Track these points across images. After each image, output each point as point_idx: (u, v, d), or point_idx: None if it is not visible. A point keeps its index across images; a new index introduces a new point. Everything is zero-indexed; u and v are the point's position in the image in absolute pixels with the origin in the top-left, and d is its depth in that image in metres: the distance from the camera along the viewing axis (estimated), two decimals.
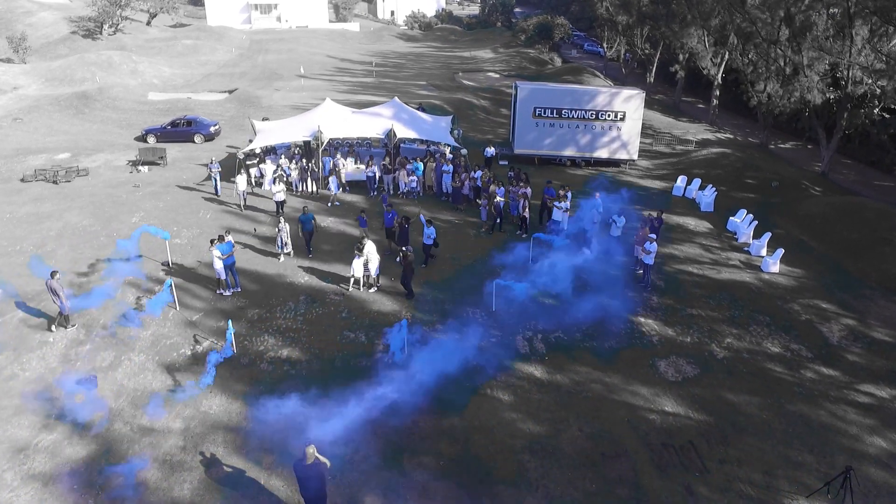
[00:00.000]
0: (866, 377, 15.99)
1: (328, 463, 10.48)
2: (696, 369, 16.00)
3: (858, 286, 20.83)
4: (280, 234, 20.33)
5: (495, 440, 13.27)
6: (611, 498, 11.95)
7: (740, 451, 13.27)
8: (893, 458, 13.28)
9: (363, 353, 15.96)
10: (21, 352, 15.88)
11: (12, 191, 27.50)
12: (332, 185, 25.85)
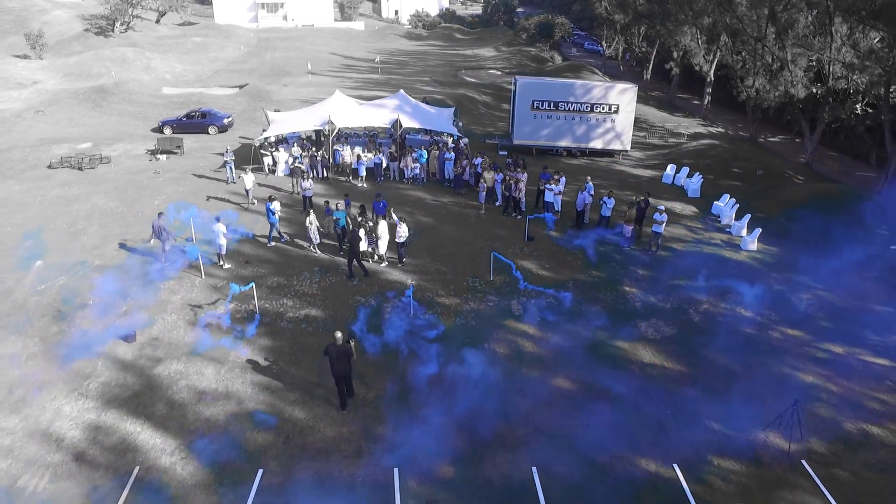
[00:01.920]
0: (826, 337, 17.71)
1: (353, 350, 12.37)
2: (673, 330, 17.75)
3: (829, 263, 22.44)
4: (309, 228, 20.95)
5: (489, 385, 15.00)
6: (592, 431, 13.69)
7: (708, 394, 15.01)
8: (840, 399, 15.03)
9: (374, 313, 17.71)
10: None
11: (40, 176, 29.29)
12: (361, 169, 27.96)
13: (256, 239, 22.20)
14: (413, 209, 24.92)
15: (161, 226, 20.05)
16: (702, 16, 39.41)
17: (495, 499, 11.93)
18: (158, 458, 12.77)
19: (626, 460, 13.02)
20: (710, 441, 13.61)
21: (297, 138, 31.00)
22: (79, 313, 17.71)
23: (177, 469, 12.52)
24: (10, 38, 63.00)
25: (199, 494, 11.96)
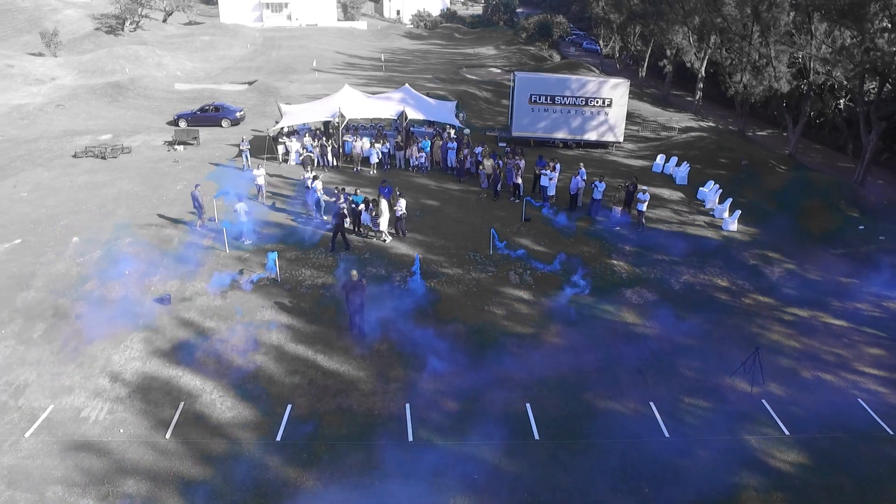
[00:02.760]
0: (793, 303, 19.62)
1: (365, 285, 14.33)
2: (655, 296, 19.65)
3: (803, 241, 24.43)
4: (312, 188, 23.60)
5: (490, 338, 16.93)
6: (581, 373, 15.60)
7: (683, 348, 16.90)
8: (800, 353, 16.93)
9: (384, 279, 19.61)
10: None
11: (67, 164, 31.16)
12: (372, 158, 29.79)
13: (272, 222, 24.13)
14: (418, 194, 26.78)
15: (196, 195, 22.31)
16: (692, 15, 41.31)
17: (492, 426, 13.81)
18: (200, 396, 14.66)
19: (608, 398, 14.91)
20: (682, 385, 15.51)
21: (307, 129, 32.88)
22: (118, 281, 19.58)
23: (216, 404, 14.41)
24: (24, 37, 64.88)
25: (237, 424, 13.84)
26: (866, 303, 19.93)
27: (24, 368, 15.50)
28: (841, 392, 15.54)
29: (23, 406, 14.21)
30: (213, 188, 25.58)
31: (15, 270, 20.19)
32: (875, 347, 17.52)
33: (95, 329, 17.04)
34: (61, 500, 11.76)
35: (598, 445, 13.42)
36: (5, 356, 15.94)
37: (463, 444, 13.36)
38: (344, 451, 13.06)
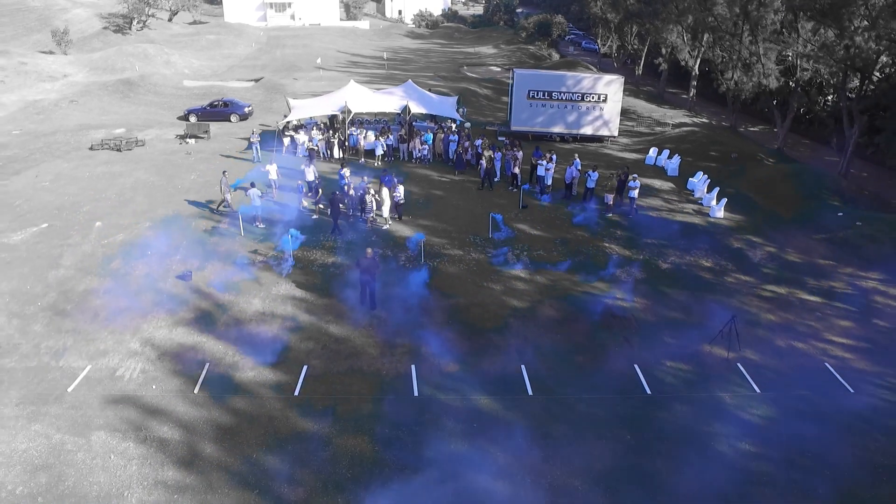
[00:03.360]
0: (772, 282, 21.01)
1: (379, 264, 15.90)
2: (642, 274, 21.03)
3: (785, 227, 25.80)
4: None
5: (489, 310, 18.32)
6: (570, 343, 17.00)
7: (667, 320, 18.29)
8: (776, 325, 18.32)
9: (391, 259, 21.01)
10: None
11: (84, 157, 32.56)
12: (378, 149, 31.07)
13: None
14: (421, 184, 28.19)
15: (223, 181, 24.01)
16: (685, 14, 42.70)
17: (490, 384, 15.22)
18: (223, 358, 16.07)
19: (596, 361, 16.31)
20: (664, 351, 16.91)
21: (314, 124, 34.28)
22: (140, 261, 20.98)
23: (238, 365, 15.81)
24: (35, 36, 66.31)
25: (258, 382, 15.25)
26: (840, 281, 21.32)
27: (60, 335, 16.90)
28: (810, 357, 16.94)
29: (63, 366, 15.62)
30: (231, 179, 26.90)
31: (44, 251, 21.60)
32: (845, 320, 18.91)
33: (124, 301, 18.45)
34: (105, 443, 13.15)
35: (586, 400, 14.81)
36: (43, 325, 17.34)
37: (463, 398, 14.75)
38: (356, 403, 14.46)
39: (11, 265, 20.54)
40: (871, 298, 20.27)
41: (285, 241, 20.85)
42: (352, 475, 12.50)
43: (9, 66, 49.49)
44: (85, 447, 13.00)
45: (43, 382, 15.00)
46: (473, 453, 13.09)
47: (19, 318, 17.62)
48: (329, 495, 12.02)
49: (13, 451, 12.81)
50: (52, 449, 12.92)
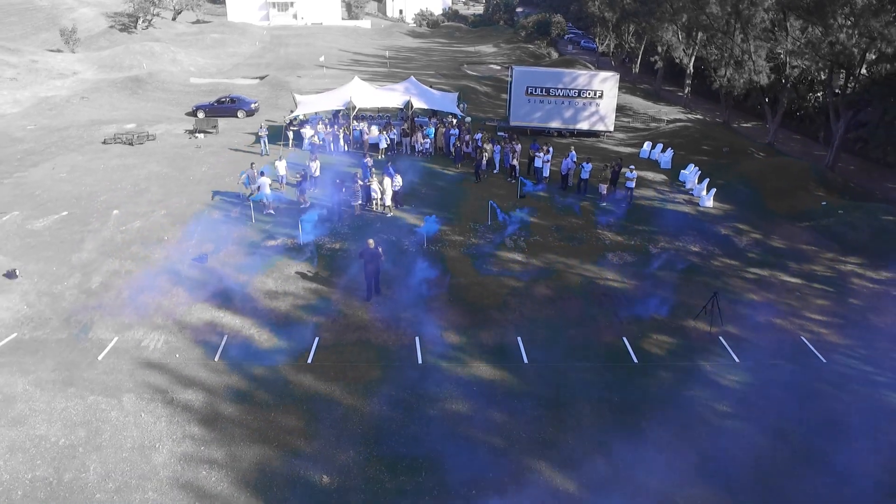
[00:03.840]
0: (756, 265, 22.22)
1: (382, 253, 16.93)
2: (633, 258, 22.24)
3: (772, 216, 27.00)
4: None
5: (487, 289, 19.52)
6: (564, 318, 18.19)
7: (655, 298, 19.47)
8: (757, 304, 19.49)
9: (395, 245, 22.21)
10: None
11: (98, 150, 33.76)
12: (381, 143, 32.21)
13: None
14: (423, 176, 29.35)
15: (250, 174, 25.22)
16: (680, 13, 43.91)
17: (488, 354, 16.43)
18: (240, 330, 17.27)
19: (587, 335, 17.52)
20: (651, 325, 18.11)
21: (319, 119, 35.47)
22: (158, 245, 22.18)
23: (255, 337, 17.03)
24: (43, 34, 67.57)
25: (274, 351, 16.45)
26: (821, 265, 22.53)
27: (88, 311, 18.11)
28: (788, 332, 18.14)
29: (92, 338, 16.83)
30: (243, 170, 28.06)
31: (66, 236, 22.80)
32: (822, 299, 20.11)
33: (144, 281, 19.66)
34: (135, 403, 14.35)
35: (577, 368, 16.01)
36: (70, 301, 18.55)
37: (463, 365, 15.96)
38: (364, 370, 15.66)
39: (37, 249, 21.74)
40: (849, 280, 21.48)
41: (305, 223, 22.00)
42: (361, 430, 13.70)
43: (21, 63, 50.71)
44: (117, 407, 14.21)
45: (75, 352, 16.21)
46: (473, 412, 14.29)
47: (48, 296, 18.82)
48: (341, 447, 13.22)
49: (53, 410, 14.01)
50: (87, 408, 14.12)
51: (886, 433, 14.11)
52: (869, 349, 17.40)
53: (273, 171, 27.37)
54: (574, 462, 12.98)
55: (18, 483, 12.05)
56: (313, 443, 13.33)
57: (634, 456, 13.22)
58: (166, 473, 12.44)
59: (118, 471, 12.43)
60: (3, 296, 18.67)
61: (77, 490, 11.95)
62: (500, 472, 12.68)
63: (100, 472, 12.39)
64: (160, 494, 11.94)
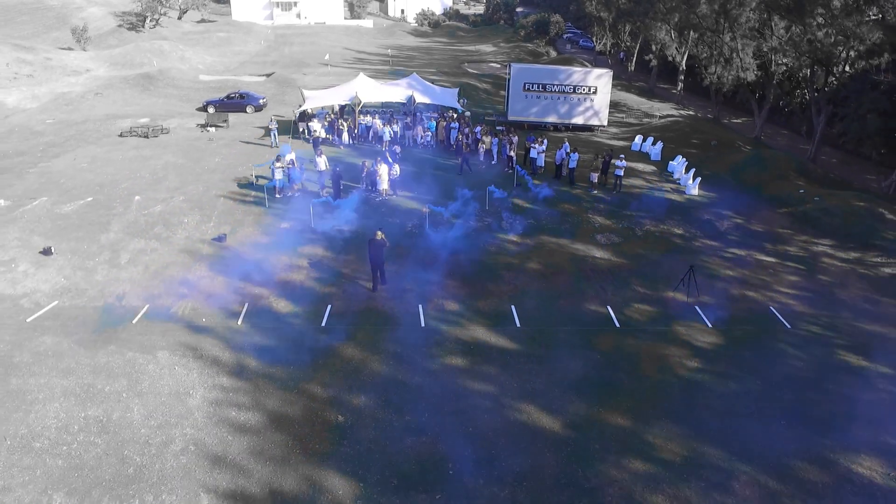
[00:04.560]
0: (734, 245, 23.95)
1: (387, 242, 18.60)
2: (620, 239, 23.98)
3: (753, 203, 28.68)
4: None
5: (485, 265, 21.27)
6: (553, 290, 19.93)
7: (638, 274, 21.22)
8: (733, 279, 21.23)
9: (400, 227, 23.95)
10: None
11: (115, 142, 35.51)
12: (384, 135, 33.91)
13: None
14: (425, 166, 31.08)
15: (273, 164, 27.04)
16: (672, 13, 45.64)
17: (485, 318, 18.17)
18: (259, 298, 19.02)
19: (575, 304, 19.25)
20: (633, 296, 19.86)
21: (325, 113, 37.24)
22: (179, 227, 23.93)
23: (272, 305, 18.77)
24: (54, 33, 69.33)
25: (291, 315, 18.20)
26: (795, 246, 24.25)
27: (119, 283, 19.86)
28: (758, 303, 19.87)
29: (125, 305, 18.57)
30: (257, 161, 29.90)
31: (93, 219, 24.55)
32: (794, 276, 21.84)
33: (169, 257, 21.42)
34: (168, 358, 16.10)
35: (565, 331, 17.75)
36: (103, 275, 20.31)
37: (462, 328, 17.70)
38: (373, 331, 17.41)
39: (67, 230, 23.49)
40: (819, 259, 23.20)
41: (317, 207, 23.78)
42: (370, 380, 15.44)
43: (36, 61, 52.49)
44: (153, 361, 15.95)
45: (111, 317, 17.96)
46: (469, 366, 16.04)
47: (82, 270, 20.58)
48: (353, 394, 14.96)
49: (97, 364, 15.76)
50: (127, 362, 15.86)
51: (838, 385, 15.83)
52: (831, 318, 19.13)
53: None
54: (558, 408, 14.70)
55: (74, 420, 13.79)
56: (328, 390, 15.06)
57: (612, 403, 14.94)
58: (200, 414, 14.17)
59: (158, 412, 14.17)
60: (42, 270, 20.44)
61: (125, 426, 13.69)
62: (493, 414, 14.41)
63: (143, 412, 14.13)
64: (196, 430, 13.68)
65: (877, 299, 20.42)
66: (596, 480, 12.65)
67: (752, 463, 13.22)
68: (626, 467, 12.99)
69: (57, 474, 12.38)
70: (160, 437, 13.43)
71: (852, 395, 15.42)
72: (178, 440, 13.36)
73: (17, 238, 22.73)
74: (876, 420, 14.53)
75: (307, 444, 13.37)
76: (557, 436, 13.83)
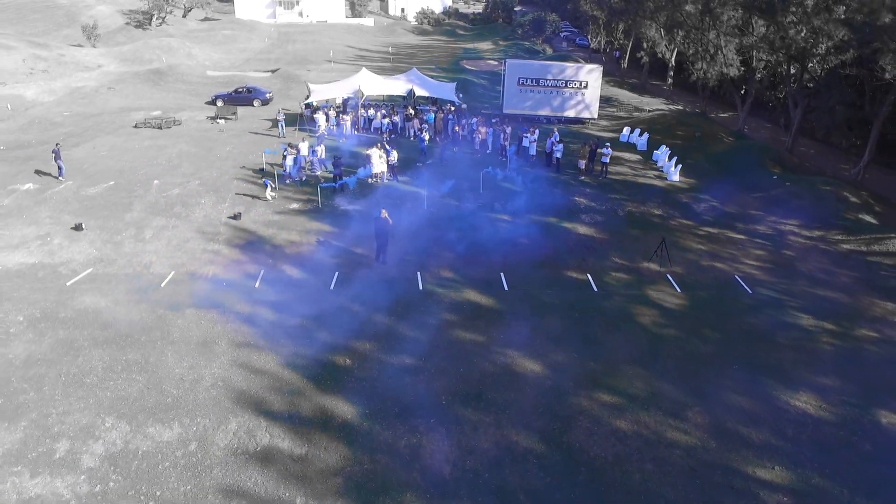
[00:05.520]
0: (709, 225, 26.04)
1: (391, 220, 20.67)
2: (603, 218, 26.06)
3: (729, 188, 30.70)
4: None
5: (478, 240, 23.35)
6: (539, 260, 22.00)
7: (617, 248, 23.31)
8: (704, 252, 23.32)
9: (400, 205, 26.04)
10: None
11: (130, 133, 37.57)
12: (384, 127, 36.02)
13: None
14: (423, 156, 33.14)
15: (313, 149, 29.44)
16: (660, 11, 47.73)
17: (476, 283, 20.25)
18: (273, 266, 21.10)
19: (558, 272, 21.34)
20: (611, 266, 21.96)
21: (330, 106, 39.30)
22: (196, 207, 26.00)
23: (285, 272, 20.84)
24: (64, 31, 71.38)
25: (302, 280, 20.28)
26: (764, 225, 26.33)
27: (146, 254, 21.94)
28: (724, 272, 21.97)
29: (153, 272, 20.66)
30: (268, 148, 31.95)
31: (116, 200, 26.62)
32: (760, 250, 23.94)
33: (189, 233, 23.50)
34: (195, 314, 18.18)
35: (548, 294, 19.83)
36: (131, 247, 22.39)
37: (456, 291, 19.79)
38: (376, 293, 19.49)
39: (94, 209, 25.56)
40: (785, 237, 25.29)
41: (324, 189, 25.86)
42: (374, 334, 17.51)
43: (50, 57, 54.57)
44: (181, 318, 18.03)
45: (140, 281, 20.05)
46: (462, 322, 18.12)
47: (111, 244, 22.66)
48: (359, 342, 17.04)
49: (132, 319, 17.83)
50: (159, 318, 17.94)
51: (786, 338, 17.92)
52: (788, 284, 21.23)
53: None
54: (539, 354, 16.78)
55: (116, 362, 15.87)
56: (337, 338, 17.15)
57: (587, 351, 17.02)
58: (225, 358, 16.25)
59: (189, 356, 16.25)
60: (76, 243, 22.53)
61: (161, 367, 15.77)
62: (481, 359, 16.49)
63: (175, 356, 16.22)
64: (223, 370, 15.76)
65: (833, 270, 22.52)
66: (569, 410, 14.73)
67: (705, 398, 15.31)
68: (596, 400, 15.09)
69: (107, 403, 14.46)
70: (192, 375, 15.51)
71: (798, 345, 17.53)
72: (208, 378, 15.44)
73: (49, 216, 24.81)
74: (815, 365, 16.64)
75: (319, 382, 15.45)
76: (537, 376, 15.91)
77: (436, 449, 13.39)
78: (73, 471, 12.56)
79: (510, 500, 12.32)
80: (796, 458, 13.60)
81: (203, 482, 12.43)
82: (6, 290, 19.10)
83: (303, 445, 13.46)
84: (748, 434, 14.24)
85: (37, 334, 16.87)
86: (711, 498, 12.57)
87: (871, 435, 14.38)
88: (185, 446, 13.29)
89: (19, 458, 12.82)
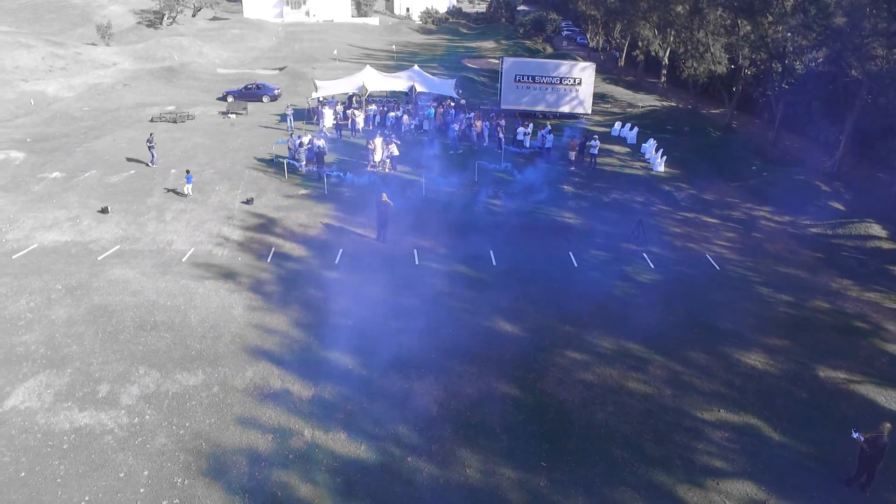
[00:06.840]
0: (686, 210, 28.00)
1: (391, 203, 22.74)
2: (588, 204, 28.06)
3: (710, 178, 32.69)
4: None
5: (470, 223, 25.39)
6: (526, 240, 24.03)
7: (600, 230, 25.30)
8: (680, 234, 25.28)
9: (400, 192, 28.10)
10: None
11: (147, 127, 39.60)
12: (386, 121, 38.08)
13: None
14: (423, 148, 35.20)
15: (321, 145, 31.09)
16: (652, 11, 49.63)
17: (467, 259, 22.30)
18: (283, 245, 23.20)
19: (543, 250, 23.36)
20: (592, 245, 23.97)
21: (336, 102, 41.40)
22: (212, 193, 28.12)
23: (294, 249, 22.94)
24: (79, 30, 73.77)
25: (310, 256, 22.37)
26: (738, 211, 28.28)
27: (167, 234, 24.07)
28: (697, 252, 23.94)
29: (174, 249, 22.78)
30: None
31: (138, 186, 28.77)
32: (731, 233, 25.90)
33: (206, 216, 25.61)
34: (214, 284, 20.28)
35: (533, 269, 21.85)
36: (153, 227, 24.52)
37: (448, 266, 21.85)
38: (377, 268, 21.57)
39: (117, 195, 27.71)
40: (757, 222, 27.23)
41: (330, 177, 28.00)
42: (375, 298, 19.58)
43: (67, 55, 56.88)
44: (202, 287, 20.13)
45: (164, 256, 22.17)
46: (453, 291, 20.17)
47: (135, 225, 24.80)
48: (360, 308, 19.11)
49: (158, 288, 19.93)
50: (181, 287, 20.04)
51: (747, 307, 19.90)
52: (754, 263, 23.18)
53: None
54: (519, 318, 18.82)
55: (146, 322, 17.98)
56: (340, 303, 19.22)
57: (563, 316, 19.04)
58: (242, 321, 18.35)
59: (210, 318, 18.36)
60: (103, 224, 24.68)
61: (185, 326, 17.88)
62: (468, 322, 18.53)
63: (198, 318, 18.32)
64: (239, 329, 17.86)
65: (798, 251, 24.47)
66: (543, 363, 16.76)
67: (665, 355, 17.32)
68: (567, 356, 17.11)
69: (139, 355, 16.58)
70: (213, 333, 17.61)
71: (756, 313, 19.50)
72: (226, 336, 17.55)
73: (77, 201, 26.96)
74: (768, 330, 18.61)
75: (324, 340, 17.52)
76: (517, 335, 17.95)
77: (425, 392, 15.45)
78: (115, 407, 14.68)
79: (488, 432, 14.36)
80: (740, 403, 15.59)
81: (225, 416, 14.52)
82: (45, 264, 21.26)
83: (309, 389, 15.54)
84: (700, 384, 16.25)
85: (74, 300, 18.99)
86: (663, 434, 14.58)
87: (808, 386, 16.36)
88: (208, 389, 15.39)
89: (68, 396, 14.94)
